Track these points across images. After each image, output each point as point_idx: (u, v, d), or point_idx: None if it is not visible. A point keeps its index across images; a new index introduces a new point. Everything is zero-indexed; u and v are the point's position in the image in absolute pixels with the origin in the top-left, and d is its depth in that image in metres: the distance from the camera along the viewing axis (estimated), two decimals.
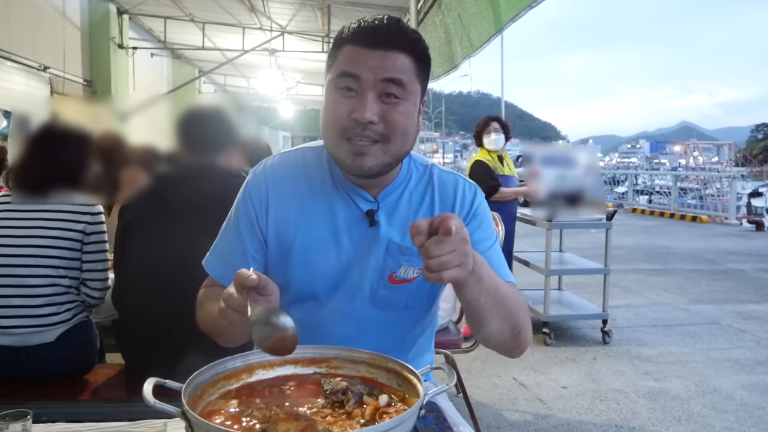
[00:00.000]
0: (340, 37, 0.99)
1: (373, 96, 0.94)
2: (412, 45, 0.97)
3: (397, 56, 0.95)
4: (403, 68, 0.95)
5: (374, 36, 0.95)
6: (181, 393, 0.73)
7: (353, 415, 0.75)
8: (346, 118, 0.95)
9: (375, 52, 0.94)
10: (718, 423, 2.80)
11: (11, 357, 1.70)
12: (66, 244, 1.74)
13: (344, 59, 0.96)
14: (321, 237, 1.06)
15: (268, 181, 1.09)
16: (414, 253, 1.06)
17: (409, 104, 0.98)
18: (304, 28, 8.61)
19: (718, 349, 3.89)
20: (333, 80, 0.97)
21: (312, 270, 1.05)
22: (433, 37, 5.06)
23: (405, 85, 0.96)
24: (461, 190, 1.12)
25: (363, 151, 0.96)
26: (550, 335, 3.94)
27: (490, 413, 2.89)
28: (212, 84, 14.27)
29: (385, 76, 0.94)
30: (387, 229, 1.06)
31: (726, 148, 38.62)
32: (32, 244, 1.71)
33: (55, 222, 1.74)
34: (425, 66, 1.00)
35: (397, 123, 0.96)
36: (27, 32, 6.23)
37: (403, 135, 0.98)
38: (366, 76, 0.94)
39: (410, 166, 1.12)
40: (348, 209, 1.06)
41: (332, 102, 0.97)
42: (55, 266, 1.73)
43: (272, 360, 0.89)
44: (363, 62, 0.94)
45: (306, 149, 1.13)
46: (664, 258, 7.44)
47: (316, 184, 1.08)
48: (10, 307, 1.68)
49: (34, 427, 0.83)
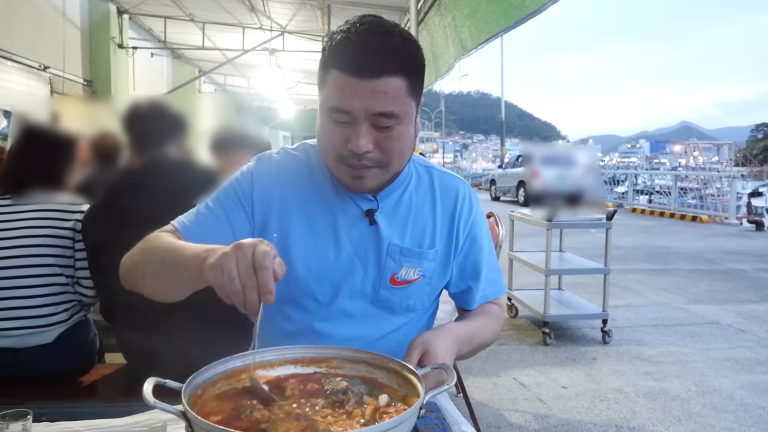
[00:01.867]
0: (327, 53, 0.94)
1: (366, 126, 0.92)
2: (402, 65, 0.92)
3: (386, 82, 0.90)
4: (395, 94, 0.91)
5: (362, 64, 0.89)
6: (181, 393, 0.73)
7: (353, 415, 0.75)
8: (342, 147, 0.94)
9: (364, 81, 0.90)
10: (718, 423, 2.80)
11: (10, 358, 1.69)
12: (58, 242, 1.72)
13: (334, 89, 0.92)
14: (321, 235, 1.06)
15: (273, 176, 1.08)
16: (415, 255, 1.07)
17: (404, 126, 0.96)
18: (304, 28, 8.62)
19: (718, 349, 3.89)
20: (326, 109, 0.95)
21: (311, 268, 1.05)
22: (434, 37, 5.06)
23: (398, 114, 0.93)
24: (462, 194, 1.14)
25: (362, 175, 0.97)
26: (550, 335, 3.93)
27: (490, 413, 2.89)
28: (212, 84, 14.28)
29: (377, 110, 0.91)
30: (387, 229, 1.06)
31: (726, 148, 38.63)
32: (24, 244, 1.68)
33: (45, 221, 1.72)
34: (419, 78, 0.97)
35: (393, 149, 0.96)
36: (27, 32, 6.23)
37: (400, 156, 0.99)
38: (358, 109, 0.91)
39: (410, 168, 1.12)
40: (348, 208, 1.06)
41: (327, 131, 0.96)
42: (49, 265, 1.71)
43: (272, 360, 0.89)
44: (353, 94, 0.90)
45: (307, 146, 1.13)
46: (664, 258, 7.44)
47: (317, 182, 1.08)
48: (6, 309, 1.66)
49: (34, 427, 0.83)
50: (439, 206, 1.11)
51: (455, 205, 1.12)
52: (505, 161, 20.61)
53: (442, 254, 1.11)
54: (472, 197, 1.15)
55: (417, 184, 1.12)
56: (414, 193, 1.11)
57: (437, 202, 1.11)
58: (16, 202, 1.73)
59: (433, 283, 1.11)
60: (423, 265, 1.08)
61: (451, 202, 1.12)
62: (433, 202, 1.11)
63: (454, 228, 1.11)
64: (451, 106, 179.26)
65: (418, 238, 1.08)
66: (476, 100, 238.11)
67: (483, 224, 1.16)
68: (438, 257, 1.10)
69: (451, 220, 1.11)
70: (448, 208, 1.12)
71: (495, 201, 17.50)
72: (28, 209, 1.73)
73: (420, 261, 1.08)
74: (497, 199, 17.76)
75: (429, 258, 1.08)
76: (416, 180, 1.12)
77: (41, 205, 1.73)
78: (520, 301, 4.32)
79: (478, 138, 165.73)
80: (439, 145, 64.06)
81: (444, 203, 1.12)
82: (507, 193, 17.36)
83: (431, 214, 1.10)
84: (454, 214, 1.11)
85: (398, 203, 1.09)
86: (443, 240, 1.11)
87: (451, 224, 1.11)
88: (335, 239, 1.05)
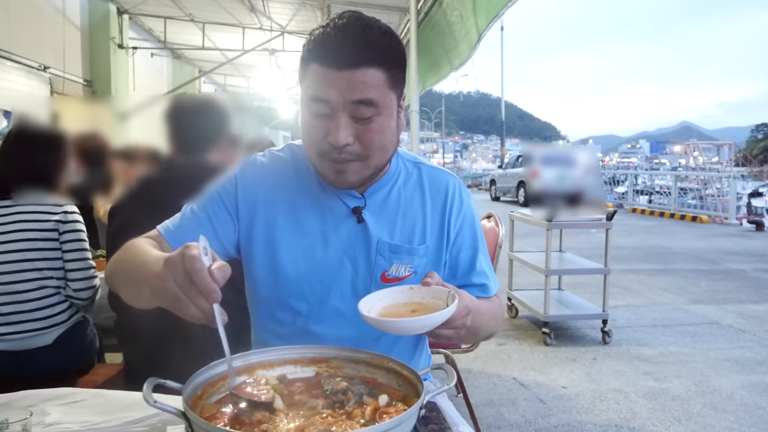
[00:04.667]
0: (306, 49, 0.94)
1: (345, 118, 0.92)
2: (380, 56, 0.92)
3: (365, 72, 0.90)
4: (373, 84, 0.91)
5: (339, 55, 0.90)
6: (181, 393, 0.73)
7: (353, 415, 0.75)
8: (323, 141, 0.94)
9: (342, 73, 0.90)
10: (718, 423, 2.80)
11: (10, 361, 1.68)
12: (45, 245, 1.71)
13: (313, 80, 0.93)
14: (308, 234, 1.05)
15: (257, 178, 1.08)
16: (405, 251, 1.07)
17: (384, 118, 0.95)
18: (304, 28, 8.61)
19: (718, 349, 3.89)
20: (305, 101, 0.95)
21: (300, 268, 1.05)
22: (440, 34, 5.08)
23: (377, 103, 0.93)
24: (452, 188, 1.13)
25: (344, 169, 0.97)
26: (550, 335, 3.93)
27: (490, 413, 2.89)
28: (212, 84, 14.27)
29: (354, 98, 0.91)
30: (376, 226, 1.06)
31: (726, 148, 38.61)
32: (12, 249, 1.67)
33: (28, 223, 1.70)
34: (400, 71, 0.97)
35: (372, 141, 0.95)
36: (27, 32, 6.23)
37: (381, 149, 0.98)
38: (336, 100, 0.91)
39: (398, 163, 1.12)
40: (335, 206, 1.06)
41: (308, 124, 0.96)
42: (39, 268, 1.70)
43: (272, 360, 0.89)
44: (331, 85, 0.91)
45: (293, 146, 1.13)
46: (664, 258, 7.44)
47: (304, 182, 1.08)
48: (1, 315, 1.66)
49: (34, 427, 0.83)
50: (428, 201, 1.11)
51: (445, 199, 1.11)
52: (505, 161, 20.62)
53: (434, 250, 1.10)
54: (463, 191, 1.14)
55: (405, 179, 1.12)
56: (402, 188, 1.10)
57: (427, 197, 1.11)
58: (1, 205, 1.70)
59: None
60: (414, 261, 1.07)
61: (441, 197, 1.11)
62: (423, 198, 1.11)
63: (446, 223, 1.11)
64: (451, 106, 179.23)
65: (408, 234, 1.08)
66: (476, 101, 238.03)
67: (475, 219, 1.15)
68: (429, 253, 1.09)
69: (442, 215, 1.11)
70: (438, 203, 1.11)
71: (495, 201, 17.50)
72: (12, 212, 1.70)
73: (411, 257, 1.07)
74: (497, 200, 17.76)
75: (420, 254, 1.08)
76: (405, 176, 1.12)
77: (23, 207, 1.71)
78: (520, 301, 4.32)
79: (478, 138, 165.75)
80: (439, 146, 64.10)
81: (434, 198, 1.11)
82: (507, 194, 17.36)
83: (421, 209, 1.10)
84: (444, 209, 1.11)
85: (386, 200, 1.09)
86: (434, 235, 1.10)
87: (442, 219, 1.11)
88: (323, 238, 1.05)
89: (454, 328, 0.86)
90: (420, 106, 5.02)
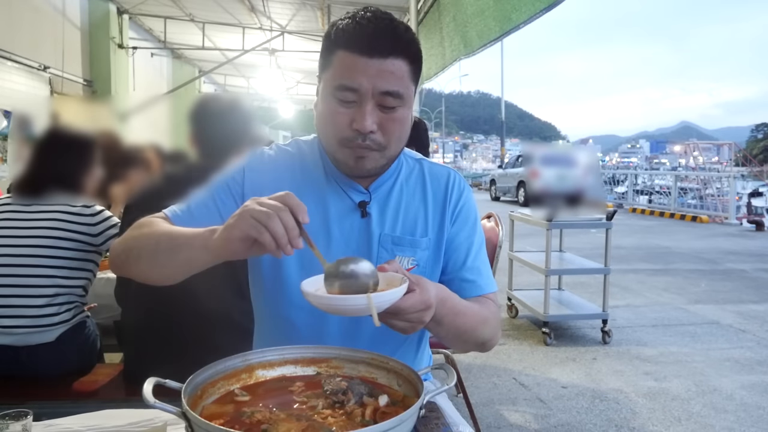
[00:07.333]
0: (333, 37, 0.96)
1: (372, 105, 0.94)
2: (407, 49, 0.96)
3: (393, 63, 0.94)
4: (400, 76, 0.95)
5: (370, 44, 0.92)
6: (181, 393, 0.73)
7: (353, 415, 0.75)
8: (347, 128, 0.95)
9: (372, 60, 0.92)
10: (718, 423, 2.80)
11: (11, 356, 1.70)
12: (67, 245, 1.75)
13: (340, 68, 0.94)
14: (311, 226, 1.05)
15: (264, 170, 1.09)
16: (407, 244, 1.07)
17: (405, 110, 0.98)
18: (304, 28, 8.62)
19: (718, 349, 3.89)
20: (330, 89, 0.96)
21: (303, 260, 1.05)
22: (427, 38, 5.07)
23: (402, 95, 0.96)
24: (452, 180, 1.14)
25: (364, 155, 0.98)
26: (550, 335, 3.94)
27: (490, 413, 2.89)
28: (212, 84, 14.26)
29: (384, 89, 0.94)
30: (379, 220, 1.07)
31: (726, 148, 38.61)
32: (33, 244, 1.72)
33: (55, 222, 1.75)
34: (419, 66, 1.01)
35: (394, 131, 0.98)
36: (27, 32, 6.23)
37: (399, 140, 1.01)
38: (365, 88, 0.93)
39: (401, 159, 1.12)
40: (340, 201, 1.07)
41: (331, 112, 0.97)
42: (57, 266, 1.74)
43: (272, 360, 0.89)
44: (361, 72, 0.93)
45: (300, 141, 1.14)
46: (664, 258, 7.44)
47: (310, 175, 1.09)
48: (11, 306, 1.69)
49: (34, 427, 0.83)
50: (430, 194, 1.12)
51: (445, 191, 1.12)
52: (505, 161, 20.61)
53: (435, 242, 1.10)
54: (462, 184, 1.15)
55: (408, 174, 1.13)
56: (405, 183, 1.12)
57: (428, 190, 1.12)
58: (33, 203, 1.77)
59: (428, 272, 1.09)
60: (416, 254, 1.08)
61: (441, 189, 1.13)
62: (424, 191, 1.12)
63: (446, 214, 1.11)
64: (451, 106, 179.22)
65: (410, 227, 1.09)
66: (476, 100, 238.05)
67: (473, 213, 1.14)
68: (431, 245, 1.10)
69: (443, 206, 1.11)
70: (439, 195, 1.12)
71: (495, 201, 17.50)
72: (40, 210, 1.76)
73: (413, 250, 1.07)
74: (497, 200, 17.76)
75: (422, 246, 1.08)
76: (407, 171, 1.13)
77: (53, 207, 1.77)
78: (520, 301, 4.32)
79: (478, 138, 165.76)
80: (439, 145, 64.10)
81: (435, 191, 1.12)
82: (507, 193, 17.36)
83: (422, 202, 1.11)
84: (444, 201, 1.12)
85: (389, 194, 1.09)
86: (435, 227, 1.10)
87: (443, 211, 1.11)
88: (326, 230, 1.06)
89: (408, 321, 0.82)
90: (420, 106, 5.02)
